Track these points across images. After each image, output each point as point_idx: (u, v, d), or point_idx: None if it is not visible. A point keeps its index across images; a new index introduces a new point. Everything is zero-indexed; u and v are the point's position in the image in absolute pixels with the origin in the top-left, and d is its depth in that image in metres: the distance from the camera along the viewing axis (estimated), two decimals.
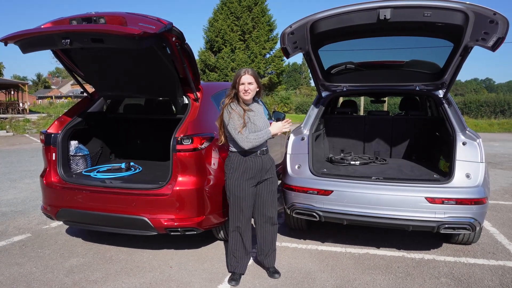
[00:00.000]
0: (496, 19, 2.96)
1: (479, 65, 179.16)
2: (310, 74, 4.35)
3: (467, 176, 3.35)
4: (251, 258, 3.56)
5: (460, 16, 3.06)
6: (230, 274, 3.24)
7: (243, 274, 3.25)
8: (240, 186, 3.06)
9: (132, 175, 4.05)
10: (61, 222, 4.28)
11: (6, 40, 3.13)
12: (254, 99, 3.18)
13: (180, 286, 3.11)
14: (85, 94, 4.41)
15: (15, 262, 3.59)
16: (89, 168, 4.24)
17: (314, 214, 3.57)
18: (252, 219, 3.26)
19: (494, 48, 3.18)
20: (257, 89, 3.09)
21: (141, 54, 3.33)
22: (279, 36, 3.55)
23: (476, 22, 3.05)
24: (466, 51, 3.42)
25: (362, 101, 18.96)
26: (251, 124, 3.01)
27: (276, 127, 3.09)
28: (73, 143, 4.07)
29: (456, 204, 3.25)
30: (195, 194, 3.36)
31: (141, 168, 4.27)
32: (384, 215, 3.37)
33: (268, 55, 31.17)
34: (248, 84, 3.00)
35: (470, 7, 2.99)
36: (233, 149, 3.09)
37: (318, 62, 4.10)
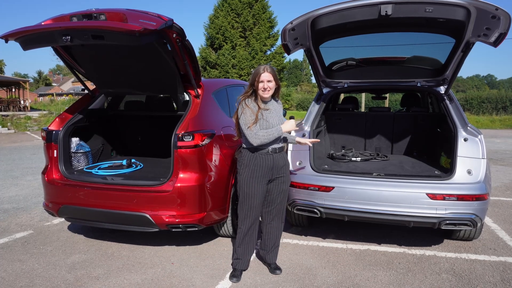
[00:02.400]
0: (498, 14, 2.94)
1: (481, 62, 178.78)
2: (311, 71, 4.34)
3: (469, 172, 3.35)
4: (253, 254, 3.57)
5: (462, 11, 3.04)
6: (231, 270, 3.25)
7: (245, 270, 3.26)
8: (250, 183, 3.04)
9: (133, 172, 4.06)
10: (63, 219, 4.30)
11: (7, 37, 3.13)
12: (274, 99, 3.14)
13: (182, 283, 3.12)
14: (86, 91, 4.41)
15: (17, 259, 3.60)
16: (90, 165, 4.24)
17: (315, 210, 3.57)
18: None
19: (496, 43, 3.16)
20: (276, 87, 3.05)
21: (141, 50, 3.32)
22: (280, 32, 3.54)
23: (478, 17, 3.03)
24: (468, 47, 3.40)
25: (363, 97, 18.92)
26: (264, 121, 2.97)
27: (289, 125, 3.05)
28: (75, 140, 4.08)
29: (457, 200, 3.25)
30: (196, 190, 3.37)
31: (142, 165, 4.28)
32: (385, 211, 3.37)
33: (269, 52, 31.06)
34: (267, 82, 2.96)
35: (472, 3, 2.97)
36: (244, 145, 3.09)
37: (319, 58, 4.09)
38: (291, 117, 3.26)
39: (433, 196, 3.28)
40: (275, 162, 3.08)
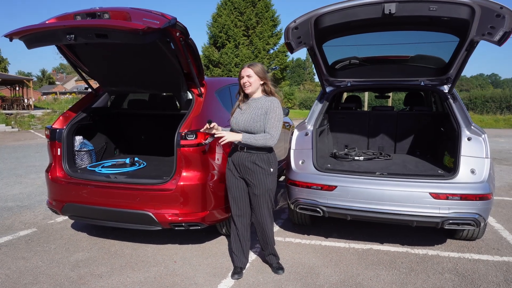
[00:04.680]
0: (502, 13, 2.93)
1: (485, 61, 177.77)
2: (314, 70, 4.34)
3: (472, 171, 3.33)
4: (256, 253, 3.57)
5: (466, 10, 3.03)
6: (233, 268, 3.26)
7: (243, 268, 3.25)
8: (226, 173, 3.20)
9: (136, 170, 4.07)
10: (66, 217, 4.31)
11: (11, 36, 3.14)
12: (266, 95, 3.08)
13: (184, 281, 3.13)
14: (89, 89, 4.43)
15: (21, 256, 3.62)
16: (93, 163, 4.26)
17: (318, 209, 3.57)
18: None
19: (500, 42, 3.14)
20: (261, 82, 3.05)
21: (145, 49, 3.33)
22: (283, 31, 3.55)
23: (482, 16, 3.01)
24: (472, 45, 3.38)
25: (366, 96, 18.89)
26: (233, 118, 3.10)
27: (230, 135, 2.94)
28: (78, 139, 4.09)
29: (461, 199, 3.24)
30: (199, 189, 3.37)
31: (145, 164, 4.29)
32: (388, 211, 3.36)
33: (272, 51, 31.09)
34: (246, 77, 3.03)
35: (477, 1, 2.95)
36: None
37: (322, 57, 4.08)
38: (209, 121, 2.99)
39: (436, 196, 3.27)
40: (241, 160, 3.06)
